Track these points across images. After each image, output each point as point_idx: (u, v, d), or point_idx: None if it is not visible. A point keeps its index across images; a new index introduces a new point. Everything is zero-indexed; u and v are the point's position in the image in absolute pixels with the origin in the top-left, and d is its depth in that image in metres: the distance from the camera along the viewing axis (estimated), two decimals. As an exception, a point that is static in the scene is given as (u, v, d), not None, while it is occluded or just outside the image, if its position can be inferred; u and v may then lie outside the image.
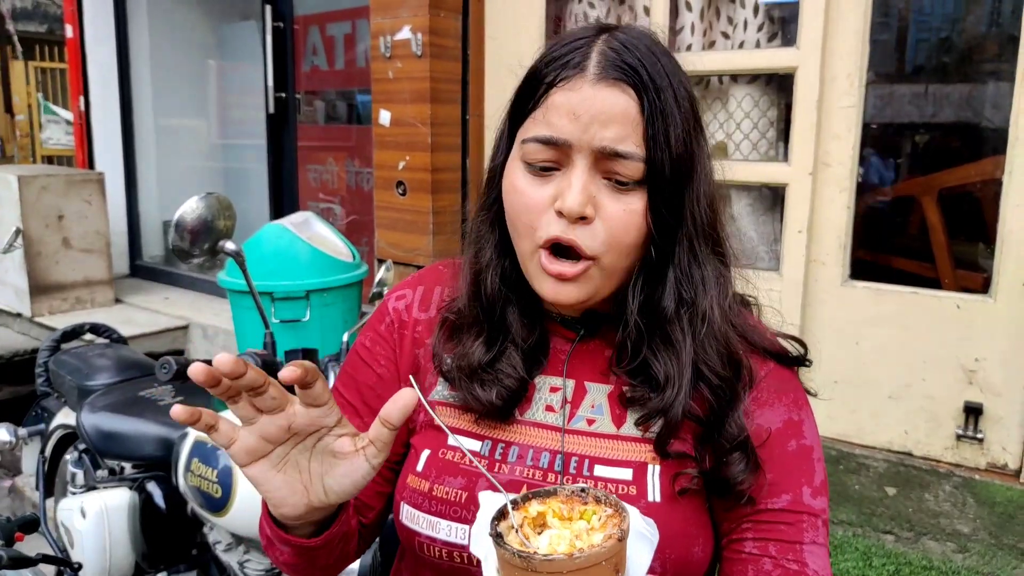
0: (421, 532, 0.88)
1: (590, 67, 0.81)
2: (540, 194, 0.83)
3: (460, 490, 0.87)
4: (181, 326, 4.32)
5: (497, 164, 0.91)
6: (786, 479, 0.86)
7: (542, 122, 0.82)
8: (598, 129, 0.80)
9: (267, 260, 2.88)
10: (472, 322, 0.93)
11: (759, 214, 2.86)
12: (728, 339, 0.86)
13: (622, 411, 0.89)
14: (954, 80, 3.15)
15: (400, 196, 3.28)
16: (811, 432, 0.89)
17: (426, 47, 3.10)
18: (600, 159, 0.81)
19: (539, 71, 0.84)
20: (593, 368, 0.92)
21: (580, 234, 0.81)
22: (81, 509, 1.99)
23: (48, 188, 4.32)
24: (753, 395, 0.87)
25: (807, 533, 0.84)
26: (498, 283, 0.91)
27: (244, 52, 4.89)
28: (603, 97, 0.80)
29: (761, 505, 0.85)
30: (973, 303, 2.39)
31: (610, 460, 0.86)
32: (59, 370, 2.41)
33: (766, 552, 0.84)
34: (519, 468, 0.87)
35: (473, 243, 0.94)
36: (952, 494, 2.29)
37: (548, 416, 0.90)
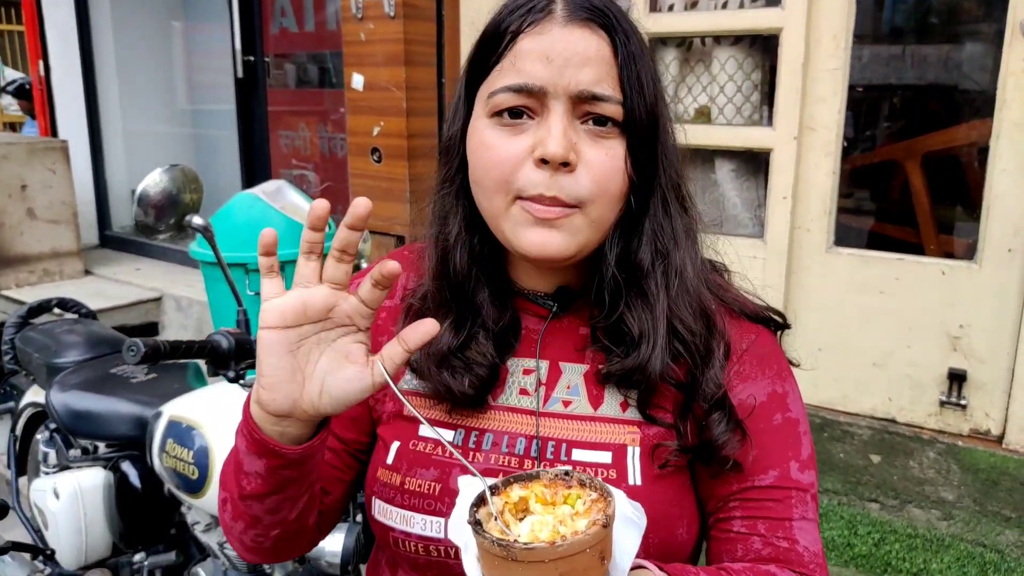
0: (395, 527, 0.85)
1: (557, 9, 0.78)
2: (514, 146, 0.78)
3: (433, 482, 0.84)
4: (154, 298, 4.22)
5: (455, 131, 0.86)
6: (772, 454, 0.84)
7: (511, 71, 0.78)
8: (573, 72, 0.76)
9: (239, 231, 2.79)
10: (439, 304, 0.88)
11: (743, 180, 2.82)
12: (700, 295, 0.84)
13: (599, 391, 0.86)
14: (939, 41, 3.10)
15: (375, 163, 3.20)
16: (796, 404, 0.88)
17: (399, 7, 3.00)
18: (577, 104, 0.77)
19: (501, 23, 0.80)
20: (567, 347, 0.89)
21: (563, 183, 0.77)
22: (54, 490, 1.93)
23: (9, 157, 4.18)
24: (735, 368, 0.85)
25: (796, 509, 0.83)
26: (467, 259, 0.86)
27: (210, 13, 4.72)
28: (576, 38, 0.77)
29: (748, 482, 0.83)
30: (958, 269, 2.37)
31: (588, 443, 0.83)
32: (26, 347, 2.33)
33: (755, 530, 0.82)
34: (494, 456, 0.84)
35: (437, 219, 0.88)
36: (936, 461, 2.30)
37: (522, 400, 0.87)
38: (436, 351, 0.86)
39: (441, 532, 0.82)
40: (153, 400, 1.89)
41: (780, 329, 0.92)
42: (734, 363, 0.85)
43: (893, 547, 2.07)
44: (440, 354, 0.86)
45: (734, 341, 0.86)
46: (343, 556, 1.46)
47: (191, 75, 5.23)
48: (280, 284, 0.72)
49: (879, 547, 2.08)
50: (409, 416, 0.88)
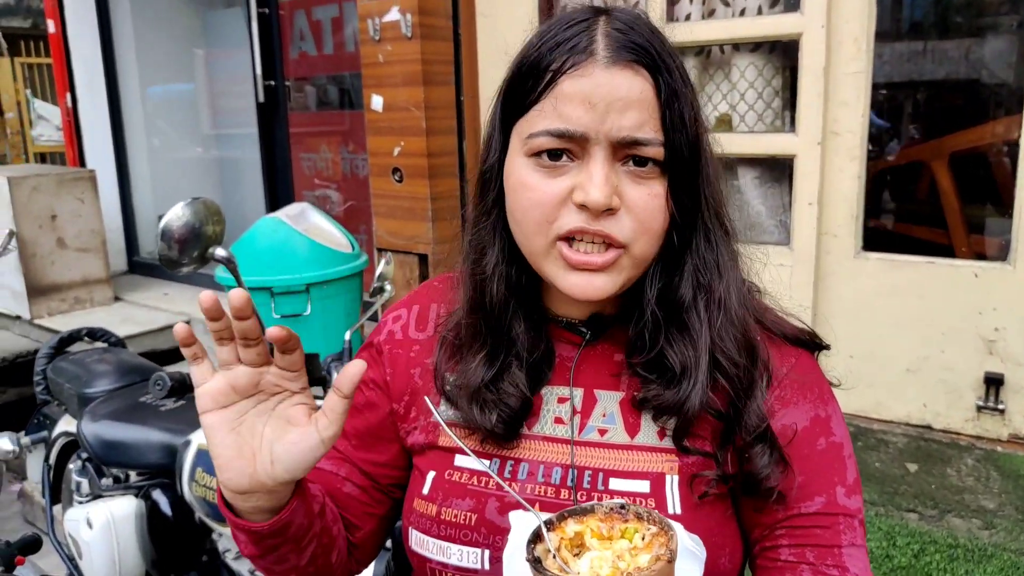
0: (432, 558, 0.84)
1: (599, 50, 0.75)
2: (554, 187, 0.77)
3: (469, 512, 0.83)
4: (182, 323, 4.27)
5: (492, 164, 0.85)
6: (818, 480, 0.82)
7: (552, 114, 0.76)
8: (616, 117, 0.75)
9: (264, 255, 2.82)
10: (473, 337, 0.87)
11: (766, 187, 2.79)
12: (745, 324, 0.83)
13: (635, 418, 0.84)
14: (961, 36, 3.05)
15: (396, 183, 3.21)
16: (840, 428, 0.86)
17: (416, 28, 3.01)
18: (619, 148, 0.76)
19: (540, 59, 0.77)
20: (601, 374, 0.88)
21: (608, 225, 0.76)
22: (87, 519, 1.95)
23: (39, 188, 4.26)
24: (776, 393, 0.84)
25: (844, 535, 0.80)
26: (504, 291, 0.85)
27: (231, 39, 4.79)
28: (618, 82, 0.75)
29: (794, 510, 0.81)
30: (991, 271, 2.32)
31: (625, 472, 0.82)
32: (57, 378, 2.36)
33: (803, 559, 0.80)
34: (529, 485, 0.83)
35: (474, 252, 0.88)
36: (975, 468, 2.24)
37: (557, 429, 0.86)
38: (468, 384, 0.86)
39: (478, 563, 0.81)
40: (182, 428, 1.90)
41: (819, 350, 0.90)
42: (775, 388, 0.84)
43: (934, 558, 2.02)
44: (472, 387, 0.85)
45: (774, 365, 0.84)
46: (373, 583, 1.45)
47: (213, 101, 5.30)
48: (208, 368, 0.74)
49: (919, 558, 2.03)
50: (445, 446, 0.88)
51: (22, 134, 9.92)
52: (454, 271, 0.93)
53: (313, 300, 2.84)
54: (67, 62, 5.17)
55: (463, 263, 0.89)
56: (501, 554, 0.80)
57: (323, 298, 2.88)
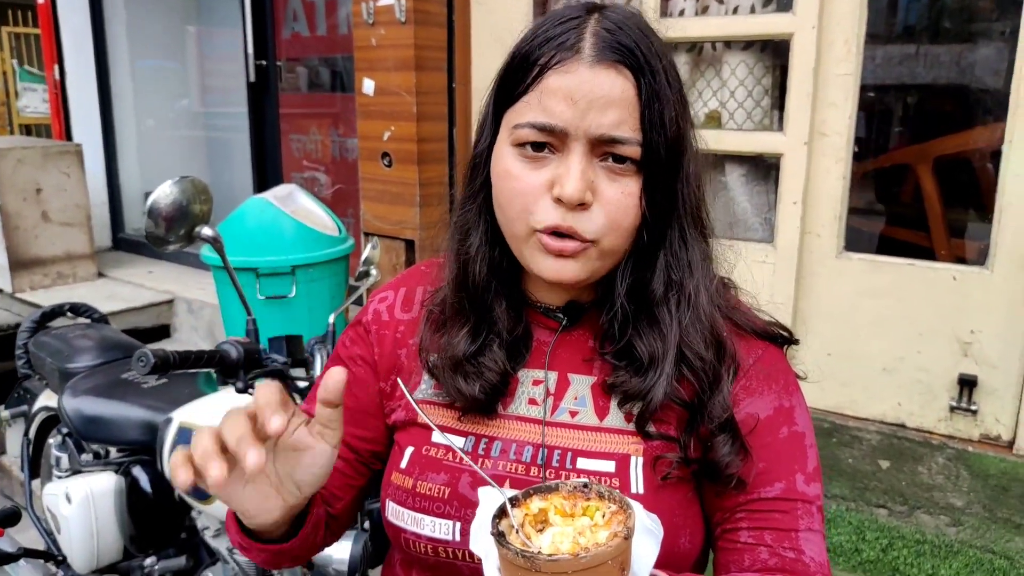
0: (406, 528, 0.88)
1: (586, 48, 0.79)
2: (535, 179, 0.81)
3: (443, 486, 0.87)
4: (166, 300, 4.26)
5: (482, 150, 0.89)
6: (779, 467, 0.85)
7: (536, 107, 0.80)
8: (596, 115, 0.78)
9: (251, 235, 2.82)
10: (457, 313, 0.92)
11: (753, 184, 2.81)
12: (713, 321, 0.86)
13: (605, 402, 0.88)
14: (952, 41, 3.07)
15: (386, 167, 3.21)
16: (803, 418, 0.89)
17: (410, 13, 3.00)
18: (597, 145, 0.79)
19: (530, 52, 0.81)
20: (576, 359, 0.91)
21: (579, 220, 0.80)
22: (66, 494, 1.95)
23: (24, 161, 4.22)
24: (742, 383, 0.87)
25: (802, 520, 0.84)
26: (486, 272, 0.90)
27: (223, 17, 4.75)
28: (600, 81, 0.78)
29: (755, 494, 0.84)
30: (970, 275, 2.36)
31: (592, 452, 0.86)
32: (39, 352, 2.35)
33: (762, 541, 0.83)
34: (502, 463, 0.87)
35: (459, 233, 0.92)
36: (945, 466, 2.29)
37: (531, 409, 0.90)
38: (452, 356, 0.90)
39: (450, 534, 0.85)
40: (163, 406, 1.91)
41: (787, 344, 0.93)
42: (740, 378, 0.87)
43: (901, 553, 2.06)
44: (455, 359, 0.89)
45: (741, 356, 0.87)
46: (350, 564, 1.47)
47: (204, 79, 5.26)
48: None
49: (887, 553, 2.07)
50: (423, 423, 0.91)
51: (8, 105, 9.80)
52: (440, 254, 0.96)
53: (298, 282, 2.85)
54: (55, 33, 5.11)
55: (449, 243, 0.93)
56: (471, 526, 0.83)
57: (308, 280, 2.88)
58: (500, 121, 0.85)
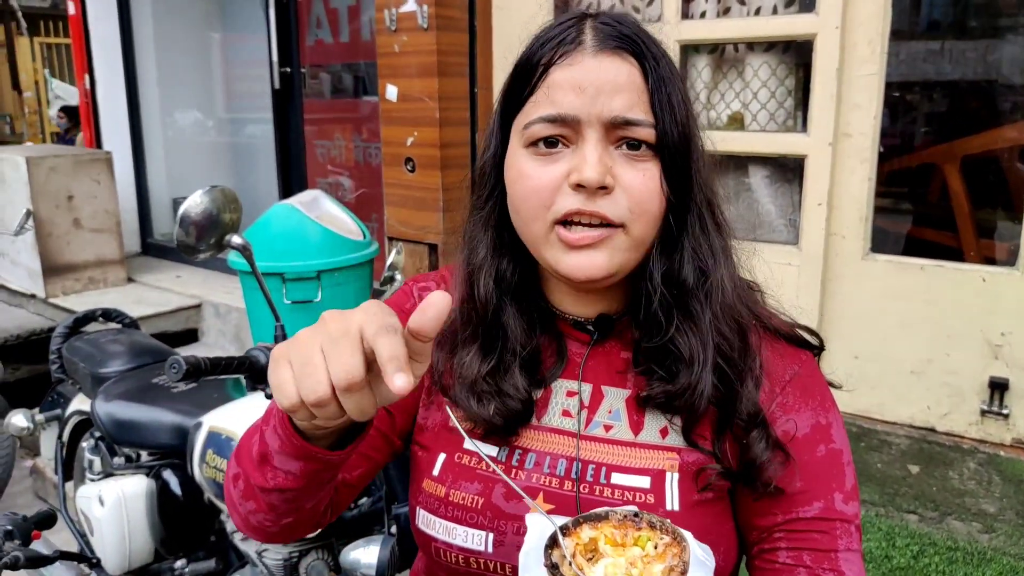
0: (437, 537, 0.87)
1: (587, 39, 0.79)
2: (550, 173, 0.80)
3: (477, 496, 0.85)
4: (194, 305, 4.31)
5: (488, 159, 0.88)
6: (817, 486, 0.84)
7: (545, 102, 0.79)
8: (606, 100, 0.78)
9: (276, 241, 2.85)
10: (466, 329, 0.89)
11: (776, 186, 2.79)
12: (738, 313, 0.85)
13: (639, 416, 0.87)
14: (978, 37, 3.03)
15: (409, 173, 3.23)
16: (839, 434, 0.87)
17: (432, 19, 3.02)
18: (611, 129, 0.78)
19: (532, 56, 0.81)
20: (610, 371, 0.90)
21: (602, 203, 0.78)
22: (99, 497, 1.98)
23: (57, 169, 4.30)
24: (779, 400, 0.85)
25: (841, 540, 0.82)
26: (492, 285, 0.88)
27: (248, 25, 4.81)
28: (606, 67, 0.78)
29: (793, 514, 0.83)
30: (999, 276, 2.33)
31: (627, 468, 0.84)
32: (72, 357, 2.39)
33: (800, 562, 0.82)
34: (535, 475, 0.86)
35: (467, 245, 0.91)
36: (977, 471, 2.26)
37: (565, 421, 0.88)
38: (465, 376, 0.87)
39: (482, 545, 0.84)
40: (193, 410, 1.93)
41: (817, 351, 0.91)
42: (777, 394, 0.85)
43: (932, 560, 2.04)
44: (469, 380, 0.87)
45: (777, 370, 0.86)
46: (378, 568, 1.48)
47: (229, 85, 5.33)
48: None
49: (918, 560, 2.05)
50: (454, 428, 0.89)
51: (39, 113, 9.99)
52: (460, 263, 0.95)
53: (324, 287, 2.87)
54: (86, 43, 5.20)
55: (457, 256, 0.92)
56: (505, 538, 0.83)
57: (334, 285, 2.91)
58: (509, 130, 0.85)
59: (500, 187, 0.87)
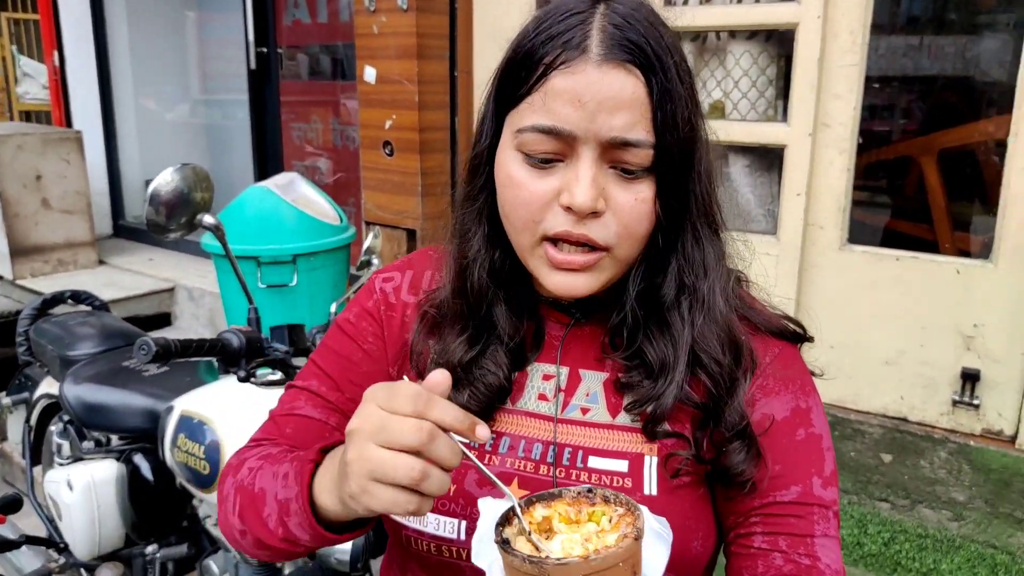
0: (408, 525, 0.85)
1: (592, 46, 0.74)
2: (541, 187, 0.77)
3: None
4: (167, 288, 4.25)
5: (482, 150, 0.85)
6: (795, 470, 0.83)
7: (542, 109, 0.75)
8: (606, 117, 0.74)
9: (251, 223, 2.81)
10: (455, 318, 0.88)
11: (756, 175, 2.80)
12: (729, 324, 0.84)
13: (617, 399, 0.86)
14: (957, 32, 3.05)
15: (387, 156, 3.20)
16: (820, 420, 0.86)
17: (412, 1, 2.98)
18: (608, 149, 0.75)
19: (533, 51, 0.76)
20: (587, 354, 0.89)
21: (591, 227, 0.77)
22: (68, 482, 1.95)
23: (24, 147, 4.21)
24: (758, 383, 0.84)
25: (818, 525, 0.81)
26: (485, 278, 0.86)
27: (224, 3, 4.72)
28: (609, 81, 0.73)
29: (770, 498, 0.82)
30: (973, 268, 2.35)
31: (604, 451, 0.83)
32: (40, 339, 2.34)
33: (776, 546, 0.81)
34: (510, 459, 0.85)
35: (458, 235, 0.88)
36: (948, 461, 2.29)
37: (541, 405, 0.87)
38: (447, 363, 0.86)
39: (454, 533, 0.83)
40: (165, 394, 1.90)
41: (800, 342, 0.90)
42: (757, 377, 0.84)
43: (903, 547, 2.06)
44: (449, 367, 0.85)
45: (758, 355, 0.85)
46: (352, 553, 1.47)
47: (204, 65, 5.24)
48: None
49: (889, 546, 2.07)
50: None
51: (7, 91, 9.76)
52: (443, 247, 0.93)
53: (300, 271, 2.84)
54: (55, 19, 5.08)
55: (447, 245, 0.90)
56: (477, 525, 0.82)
57: (310, 269, 2.87)
58: (502, 121, 0.82)
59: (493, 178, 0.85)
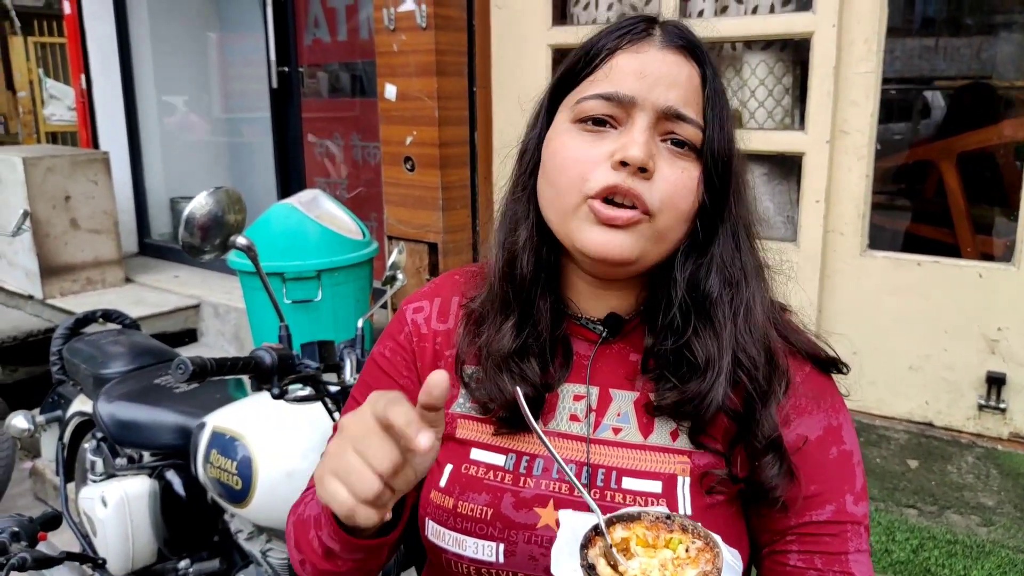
0: (448, 549, 0.86)
1: (656, 33, 0.83)
2: (594, 150, 0.81)
3: (485, 507, 0.85)
4: (192, 305, 4.31)
5: (533, 137, 0.89)
6: (830, 489, 0.84)
7: (604, 81, 0.81)
8: (663, 90, 0.80)
9: (276, 240, 2.86)
10: (503, 305, 0.89)
11: (775, 183, 2.81)
12: (767, 334, 0.85)
13: (649, 420, 0.86)
14: (974, 34, 3.04)
15: (408, 172, 3.24)
16: (850, 436, 0.88)
17: (430, 18, 3.03)
18: (661, 120, 0.80)
19: (597, 42, 0.84)
20: (617, 374, 0.89)
21: (640, 185, 0.79)
22: (102, 498, 1.99)
23: (54, 169, 4.30)
24: (791, 402, 0.85)
25: (851, 542, 0.83)
26: (534, 264, 0.88)
27: (245, 24, 4.81)
28: (671, 62, 0.81)
29: (806, 517, 0.83)
30: (996, 271, 2.34)
31: (638, 472, 0.84)
32: (73, 358, 2.40)
33: (812, 565, 0.83)
34: (544, 482, 0.85)
35: (508, 222, 0.90)
36: (975, 466, 2.27)
37: (572, 426, 0.88)
38: (497, 350, 0.87)
39: (493, 556, 0.83)
40: (196, 411, 1.94)
41: (835, 371, 0.91)
42: (790, 396, 0.85)
43: (932, 553, 2.05)
44: (501, 355, 0.87)
45: (791, 373, 0.86)
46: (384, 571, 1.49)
47: (227, 85, 5.32)
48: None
49: (918, 553, 2.06)
50: (461, 439, 0.90)
51: (34, 113, 9.95)
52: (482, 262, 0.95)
53: (324, 286, 2.88)
54: (82, 43, 5.19)
55: (496, 234, 0.92)
56: (516, 548, 0.83)
57: (334, 284, 2.92)
58: (555, 109, 0.86)
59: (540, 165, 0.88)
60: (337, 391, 1.53)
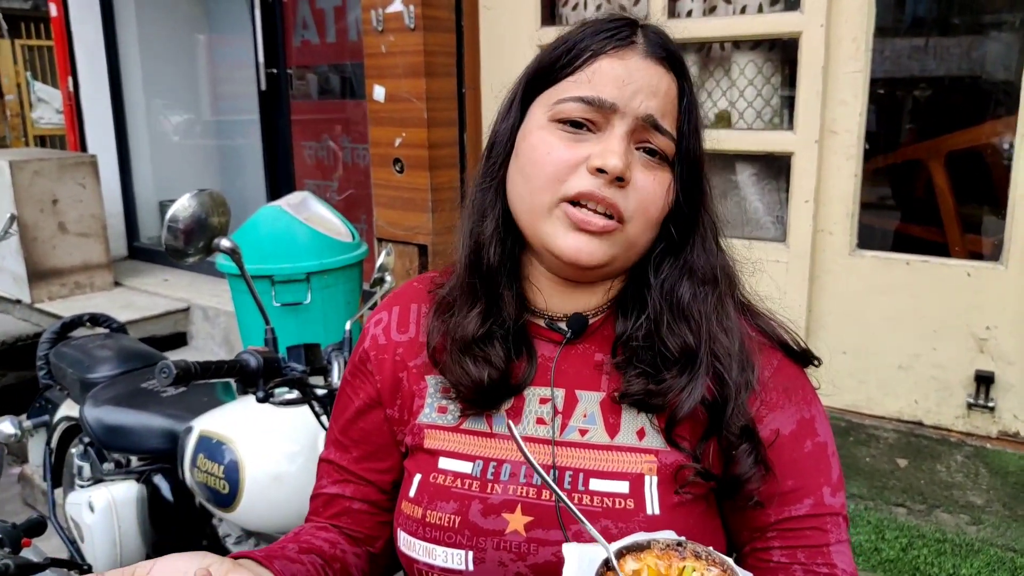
0: (418, 559, 0.86)
1: (640, 42, 0.83)
2: (571, 152, 0.81)
3: (453, 515, 0.85)
4: (182, 308, 4.29)
5: (504, 129, 0.89)
6: (806, 483, 0.85)
7: (586, 84, 0.82)
8: (644, 99, 0.81)
9: (265, 243, 2.84)
10: (468, 294, 0.89)
11: (764, 183, 2.81)
12: (741, 334, 0.86)
13: (615, 419, 0.86)
14: (962, 33, 3.05)
15: (397, 173, 3.23)
16: (823, 427, 0.88)
17: (419, 19, 3.02)
18: (638, 128, 0.81)
19: (581, 40, 0.84)
20: (582, 374, 0.89)
21: (616, 194, 0.80)
22: (89, 503, 1.98)
23: (41, 172, 4.27)
24: (762, 398, 0.85)
25: (832, 534, 0.84)
26: (500, 255, 0.88)
27: (233, 26, 4.79)
28: (652, 72, 0.82)
29: (785, 513, 0.84)
30: (984, 270, 2.35)
31: (605, 472, 0.83)
32: (60, 363, 2.38)
33: (795, 559, 0.83)
34: (512, 487, 0.85)
35: (475, 213, 0.90)
36: (964, 464, 2.28)
37: (539, 429, 0.87)
38: (462, 337, 0.87)
39: (462, 564, 0.83)
40: (183, 415, 1.93)
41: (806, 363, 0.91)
42: (760, 392, 0.85)
43: (921, 552, 2.05)
44: (465, 341, 0.87)
45: (760, 366, 0.86)
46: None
47: (215, 87, 5.30)
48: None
49: (907, 552, 2.06)
50: (429, 448, 0.90)
51: (22, 116, 9.89)
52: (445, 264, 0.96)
53: (313, 289, 2.87)
54: (69, 46, 5.16)
55: (462, 223, 0.92)
56: (484, 555, 0.82)
57: (323, 287, 2.90)
58: (529, 103, 0.86)
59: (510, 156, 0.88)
60: (324, 394, 1.52)
